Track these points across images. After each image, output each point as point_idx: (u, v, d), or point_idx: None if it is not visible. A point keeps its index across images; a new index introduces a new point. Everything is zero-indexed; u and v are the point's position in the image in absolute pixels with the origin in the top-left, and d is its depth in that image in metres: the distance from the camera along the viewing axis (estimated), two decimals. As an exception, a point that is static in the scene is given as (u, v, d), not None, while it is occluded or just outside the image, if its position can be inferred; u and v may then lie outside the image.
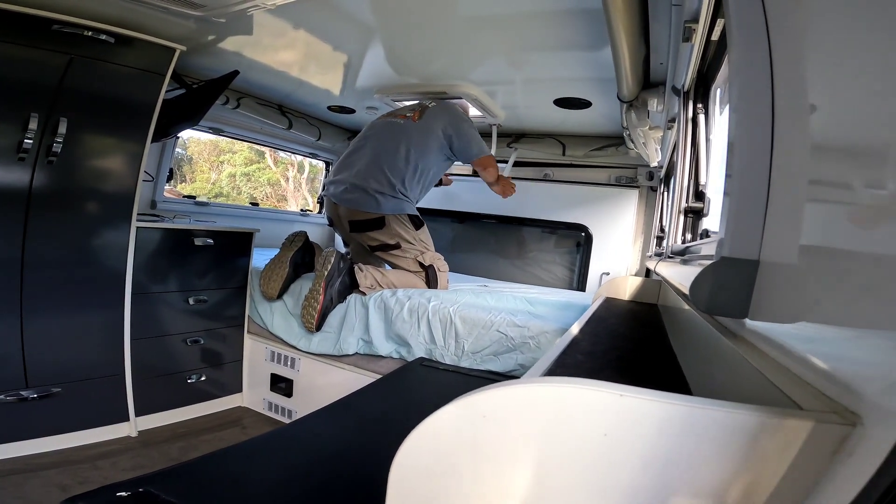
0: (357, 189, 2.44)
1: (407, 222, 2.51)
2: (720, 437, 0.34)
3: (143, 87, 2.05)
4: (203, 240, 2.35)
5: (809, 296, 0.38)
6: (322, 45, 2.15)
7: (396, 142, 2.48)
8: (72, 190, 1.94)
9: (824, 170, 0.40)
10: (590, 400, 0.37)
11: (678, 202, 1.42)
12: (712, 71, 1.35)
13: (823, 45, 0.42)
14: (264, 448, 1.12)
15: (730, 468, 0.34)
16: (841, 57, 0.39)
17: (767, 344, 0.44)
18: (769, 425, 0.33)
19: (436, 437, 0.40)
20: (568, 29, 1.71)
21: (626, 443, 0.36)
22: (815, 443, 0.32)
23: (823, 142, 0.41)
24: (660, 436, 0.35)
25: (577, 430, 0.37)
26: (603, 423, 0.36)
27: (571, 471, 0.38)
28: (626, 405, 0.36)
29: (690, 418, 0.34)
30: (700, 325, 0.74)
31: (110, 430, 2.05)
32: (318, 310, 2.25)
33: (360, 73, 2.51)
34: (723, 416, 0.34)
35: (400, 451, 0.41)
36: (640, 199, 3.19)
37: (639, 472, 0.36)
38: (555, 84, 2.33)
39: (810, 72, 0.45)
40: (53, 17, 1.76)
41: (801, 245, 0.42)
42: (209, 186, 11.69)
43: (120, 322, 2.08)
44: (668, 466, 0.35)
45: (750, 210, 0.48)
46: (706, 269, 0.49)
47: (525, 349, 1.95)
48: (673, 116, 1.76)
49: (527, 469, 0.39)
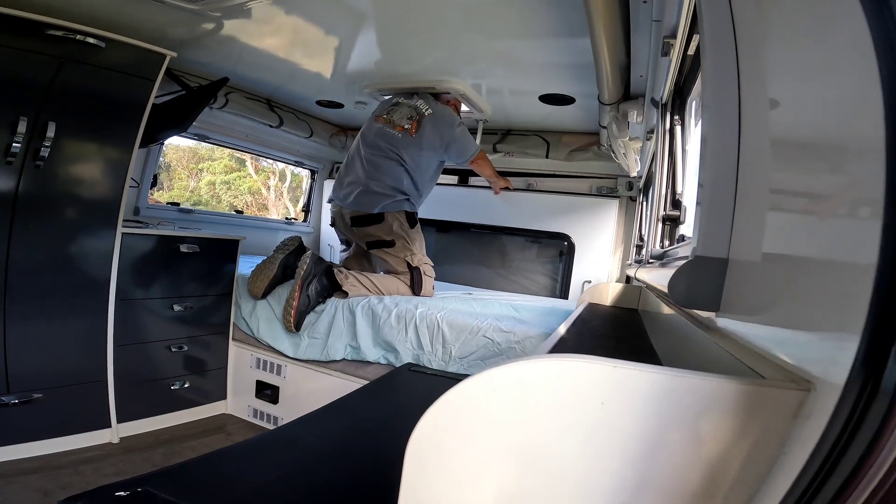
0: (362, 193, 2.56)
1: (403, 218, 2.60)
2: (697, 403, 0.39)
3: (132, 92, 2.06)
4: (189, 246, 2.35)
5: (771, 288, 0.43)
6: (313, 31, 2.13)
7: (392, 154, 2.57)
8: (58, 194, 1.93)
9: (782, 178, 0.46)
10: (588, 372, 0.42)
11: (656, 210, 1.48)
12: (688, 84, 1.42)
13: (784, 63, 0.48)
14: (257, 450, 1.14)
15: (707, 430, 0.39)
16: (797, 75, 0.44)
17: (737, 331, 0.50)
18: (738, 391, 0.38)
19: (452, 410, 0.45)
20: (552, 15, 1.73)
21: (621, 410, 0.41)
22: (777, 406, 0.37)
23: (782, 151, 0.47)
24: (648, 402, 0.40)
25: (579, 398, 0.42)
26: (600, 393, 0.41)
27: (576, 437, 0.42)
28: (618, 376, 0.41)
29: (672, 385, 0.40)
30: (677, 322, 0.79)
31: (92, 437, 2.03)
32: (294, 308, 2.30)
33: (349, 65, 2.51)
34: (699, 383, 0.39)
35: (418, 425, 0.45)
36: (620, 208, 3.27)
37: (632, 435, 0.41)
38: (540, 76, 2.36)
39: (772, 87, 0.50)
40: (47, 20, 1.77)
41: (764, 244, 0.47)
42: (187, 194, 11.52)
43: (103, 328, 2.07)
44: (656, 429, 0.40)
45: (719, 213, 0.53)
46: (682, 267, 0.55)
47: (511, 354, 1.99)
48: (652, 128, 1.83)
49: (536, 436, 0.43)
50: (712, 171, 0.55)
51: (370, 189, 2.55)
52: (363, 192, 2.56)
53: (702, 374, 0.39)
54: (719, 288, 0.52)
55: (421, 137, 2.57)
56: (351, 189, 2.60)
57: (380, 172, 2.57)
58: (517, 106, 2.88)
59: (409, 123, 2.59)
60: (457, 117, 2.70)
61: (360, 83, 2.75)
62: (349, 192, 2.60)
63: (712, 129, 0.58)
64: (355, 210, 2.59)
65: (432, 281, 2.65)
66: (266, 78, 2.83)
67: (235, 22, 2.04)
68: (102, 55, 1.93)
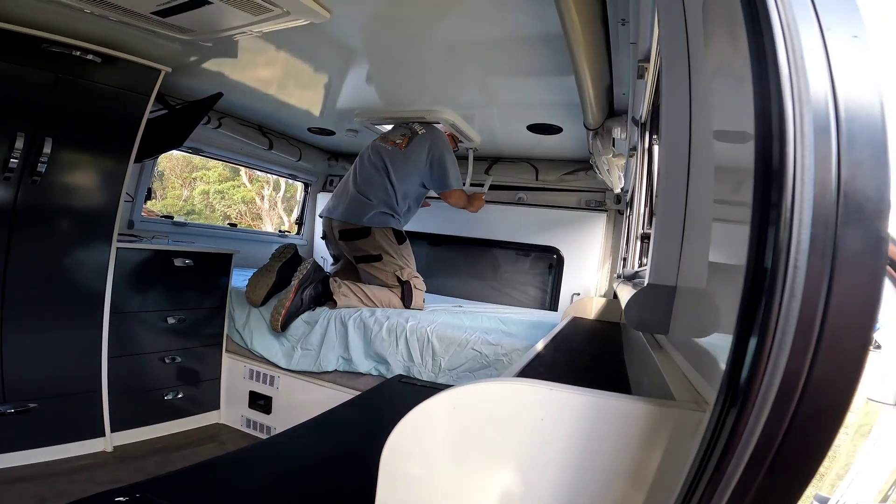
0: (350, 204, 2.63)
1: (391, 235, 2.64)
2: (618, 422, 0.45)
3: (127, 108, 2.10)
4: (183, 261, 2.39)
5: (705, 313, 0.49)
6: (304, 67, 2.22)
7: (379, 167, 2.66)
8: (54, 209, 1.97)
9: (720, 210, 0.51)
10: (529, 393, 0.47)
11: (636, 228, 1.54)
12: (665, 105, 1.47)
13: (717, 90, 0.53)
14: (249, 459, 1.17)
15: (625, 445, 0.44)
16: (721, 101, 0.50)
17: (677, 352, 0.55)
18: (651, 412, 0.43)
19: (417, 427, 0.51)
20: (540, 54, 1.80)
21: (557, 425, 0.47)
22: (681, 426, 0.42)
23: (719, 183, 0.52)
24: (579, 420, 0.46)
25: (522, 416, 0.48)
26: (540, 411, 0.47)
27: (521, 449, 0.48)
28: (554, 397, 0.47)
29: (597, 405, 0.45)
30: (640, 340, 0.84)
31: (86, 445, 2.06)
32: (285, 307, 2.35)
33: (340, 96, 2.60)
34: (619, 404, 0.45)
35: (390, 438, 0.50)
36: (608, 222, 3.34)
37: (566, 448, 0.46)
38: (528, 109, 2.45)
39: (715, 114, 0.56)
40: (43, 35, 1.81)
41: (707, 270, 0.53)
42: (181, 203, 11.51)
43: (97, 340, 2.10)
44: (586, 442, 0.45)
45: (670, 243, 0.59)
46: (636, 294, 0.60)
47: (499, 366, 2.03)
48: (634, 145, 1.87)
49: (486, 449, 0.49)
50: (664, 204, 0.60)
51: (359, 199, 2.62)
52: (352, 202, 2.63)
53: (622, 395, 0.45)
54: (668, 312, 0.57)
55: (409, 152, 2.66)
56: (340, 200, 2.68)
57: (369, 185, 2.65)
58: (506, 135, 2.96)
59: (401, 139, 2.70)
60: (448, 144, 2.77)
61: (351, 113, 2.84)
62: (339, 202, 2.69)
63: (666, 163, 0.63)
64: (344, 222, 2.64)
65: (423, 294, 2.69)
66: (257, 106, 2.90)
67: (226, 51, 2.11)
68: (98, 71, 1.98)
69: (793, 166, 0.29)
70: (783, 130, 0.30)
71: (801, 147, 0.30)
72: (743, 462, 0.31)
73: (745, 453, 0.31)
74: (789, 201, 0.29)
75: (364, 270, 2.68)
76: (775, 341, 0.29)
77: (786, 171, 0.30)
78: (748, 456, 0.31)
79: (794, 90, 0.31)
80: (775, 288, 0.29)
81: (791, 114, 0.30)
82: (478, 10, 1.57)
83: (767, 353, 0.29)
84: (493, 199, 3.59)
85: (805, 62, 0.31)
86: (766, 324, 0.29)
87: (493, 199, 3.58)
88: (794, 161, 0.30)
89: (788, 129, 0.30)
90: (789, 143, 0.30)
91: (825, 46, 0.32)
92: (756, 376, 0.29)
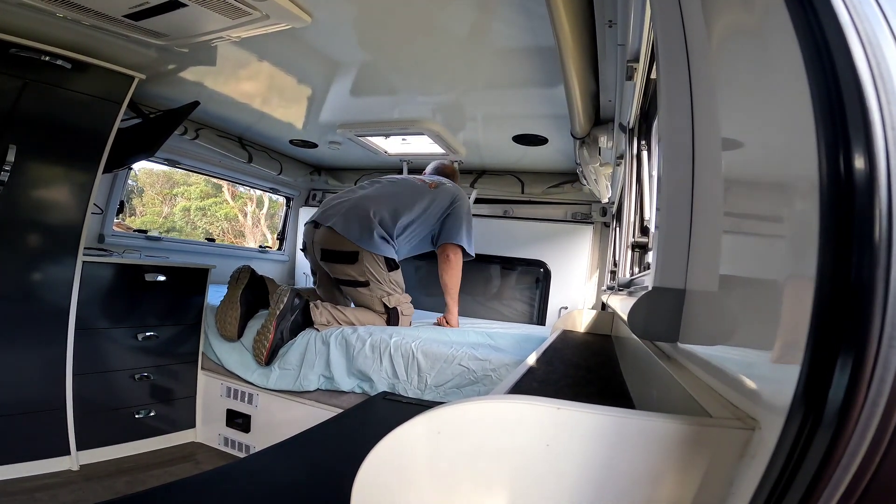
0: (350, 216, 2.39)
1: (381, 262, 2.42)
2: (641, 444, 0.37)
3: (98, 115, 2.02)
4: (154, 276, 2.28)
5: (724, 320, 0.43)
6: (286, 78, 2.17)
7: (415, 196, 2.52)
8: (16, 221, 1.86)
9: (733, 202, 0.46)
10: (531, 413, 0.40)
11: (626, 237, 1.50)
12: (653, 109, 1.44)
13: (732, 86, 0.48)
14: (225, 478, 1.13)
15: (653, 472, 0.37)
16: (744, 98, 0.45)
17: (693, 363, 0.49)
18: (682, 431, 0.36)
19: (395, 454, 0.43)
20: (526, 66, 1.79)
21: (566, 451, 0.39)
22: (722, 446, 0.35)
23: (732, 176, 0.47)
24: (592, 443, 0.38)
25: (523, 441, 0.40)
26: (545, 435, 0.39)
27: (523, 481, 0.40)
28: (562, 417, 0.39)
29: (618, 427, 0.38)
30: (642, 351, 0.78)
31: (50, 464, 1.94)
32: (268, 346, 2.22)
33: (323, 108, 2.54)
34: (643, 424, 0.38)
35: (362, 467, 0.42)
36: (594, 234, 3.32)
37: (578, 478, 0.39)
38: (513, 121, 2.44)
39: (722, 111, 0.51)
40: (10, 39, 1.73)
41: (720, 273, 0.47)
42: (161, 220, 11.28)
43: (62, 357, 1.99)
44: (602, 470, 0.38)
45: (676, 242, 0.53)
46: (640, 299, 0.54)
47: (487, 381, 1.96)
48: (621, 153, 1.85)
49: (479, 482, 0.41)
50: (668, 203, 0.55)
51: (361, 214, 2.39)
52: (351, 214, 2.39)
53: (646, 414, 0.38)
54: (677, 319, 0.51)
55: (437, 192, 2.57)
56: (337, 210, 2.44)
57: (380, 203, 2.44)
58: (491, 147, 2.94)
59: (430, 181, 2.65)
60: (470, 209, 2.71)
61: (334, 125, 2.78)
62: (335, 212, 2.43)
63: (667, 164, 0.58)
64: (331, 237, 2.40)
65: (410, 318, 2.54)
66: (236, 117, 2.83)
67: (204, 59, 2.04)
68: (68, 77, 1.90)
69: (886, 171, 0.26)
70: (869, 131, 0.26)
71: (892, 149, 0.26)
72: (840, 489, 0.25)
73: (843, 480, 0.26)
74: (884, 208, 0.25)
75: (347, 294, 2.54)
76: (880, 357, 0.25)
77: (876, 176, 0.26)
78: (847, 482, 0.26)
79: (875, 81, 0.27)
80: (874, 301, 0.25)
81: (876, 110, 0.26)
82: (462, 20, 1.55)
83: (871, 369, 0.25)
84: (479, 213, 3.56)
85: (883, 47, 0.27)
86: (865, 339, 0.25)
87: (478, 213, 3.55)
88: (887, 166, 0.26)
89: (875, 130, 0.26)
90: (877, 145, 0.26)
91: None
92: (856, 394, 0.24)
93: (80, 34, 1.82)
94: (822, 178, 0.27)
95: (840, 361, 0.25)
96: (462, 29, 1.60)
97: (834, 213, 0.27)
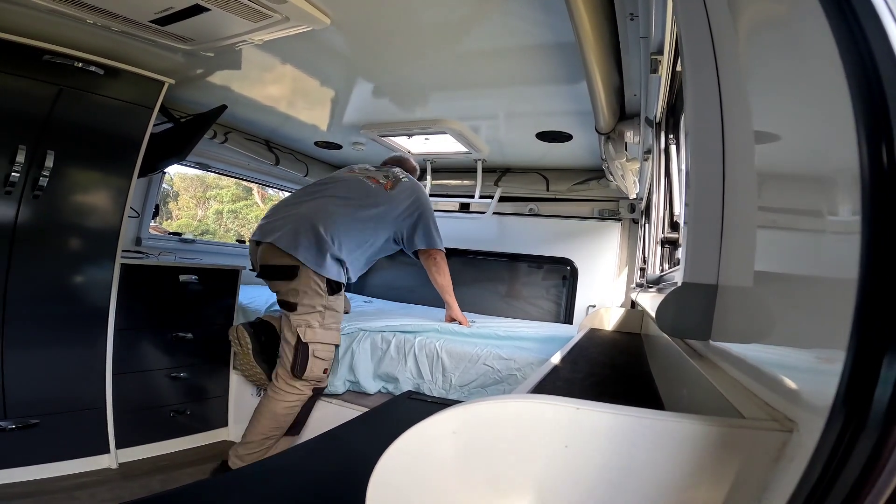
0: (293, 228, 2.09)
1: (321, 284, 2.08)
2: (666, 446, 0.36)
3: (130, 120, 2.07)
4: (188, 277, 2.34)
5: (760, 316, 0.40)
6: (309, 81, 2.20)
7: (367, 201, 2.27)
8: (56, 225, 1.93)
9: (768, 196, 0.43)
10: (550, 414, 0.38)
11: (655, 233, 1.46)
12: (680, 102, 1.39)
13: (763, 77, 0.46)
14: (252, 477, 1.14)
15: (678, 476, 0.35)
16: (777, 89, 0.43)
17: (726, 362, 0.47)
18: (712, 433, 0.34)
19: (410, 454, 0.42)
20: (547, 63, 1.77)
21: (585, 453, 0.38)
22: (755, 449, 0.33)
23: (766, 169, 0.44)
24: (615, 446, 0.37)
25: (542, 442, 0.39)
26: (563, 436, 0.38)
27: (540, 483, 0.39)
28: (582, 418, 0.38)
29: (640, 428, 0.36)
30: (672, 349, 0.76)
31: (90, 462, 2.00)
32: (264, 378, 2.23)
33: (346, 109, 2.56)
34: (667, 425, 0.36)
35: (378, 466, 0.42)
36: (622, 231, 3.24)
37: (597, 480, 0.37)
38: (536, 118, 2.40)
39: (753, 103, 0.49)
40: (44, 46, 1.79)
41: (754, 269, 0.45)
42: (195, 223, 11.60)
43: (102, 357, 2.05)
44: (623, 473, 0.36)
45: (707, 236, 0.51)
46: (669, 295, 0.52)
47: (512, 381, 1.94)
48: (648, 148, 1.80)
49: (494, 483, 0.40)
50: (697, 198, 0.53)
51: (306, 227, 2.08)
52: (296, 228, 2.08)
53: (669, 414, 0.36)
54: (709, 315, 0.49)
55: (395, 194, 2.37)
56: (281, 224, 2.13)
57: (329, 217, 2.14)
58: (514, 145, 2.90)
59: (384, 180, 2.42)
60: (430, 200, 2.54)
61: (357, 126, 2.80)
62: (278, 226, 2.12)
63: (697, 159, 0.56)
64: (270, 247, 2.09)
65: (325, 365, 2.10)
66: (262, 120, 2.88)
67: (230, 63, 2.08)
68: (101, 83, 1.96)
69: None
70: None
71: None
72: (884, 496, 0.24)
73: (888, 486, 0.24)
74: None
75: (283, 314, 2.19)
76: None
77: None
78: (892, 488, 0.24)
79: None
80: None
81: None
82: (484, 19, 1.54)
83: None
84: (503, 212, 3.53)
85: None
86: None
87: (502, 212, 3.53)
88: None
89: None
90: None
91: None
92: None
93: (111, 40, 1.88)
94: (863, 171, 0.26)
95: (886, 360, 0.23)
96: (481, 27, 1.59)
97: (878, 205, 0.25)
